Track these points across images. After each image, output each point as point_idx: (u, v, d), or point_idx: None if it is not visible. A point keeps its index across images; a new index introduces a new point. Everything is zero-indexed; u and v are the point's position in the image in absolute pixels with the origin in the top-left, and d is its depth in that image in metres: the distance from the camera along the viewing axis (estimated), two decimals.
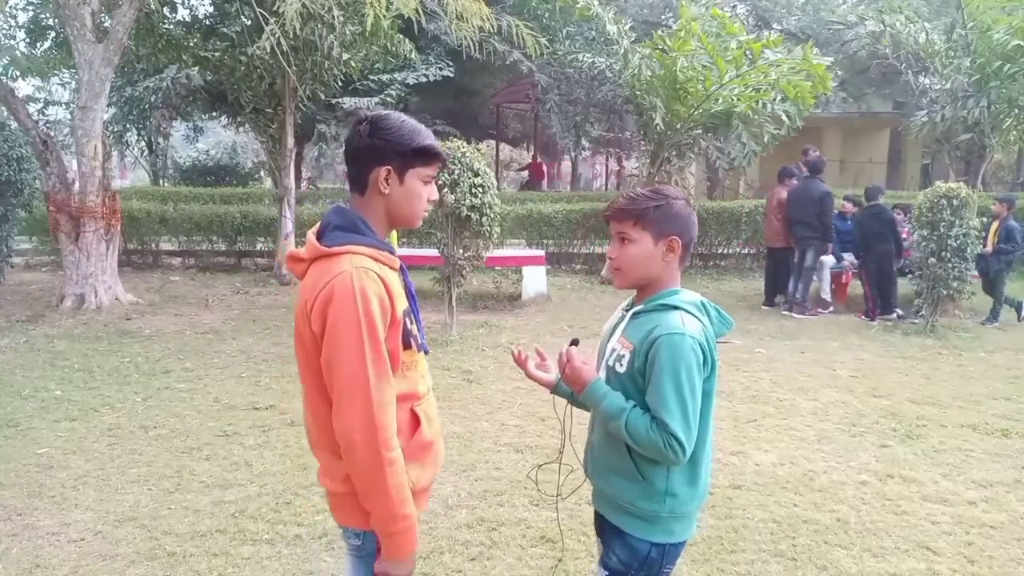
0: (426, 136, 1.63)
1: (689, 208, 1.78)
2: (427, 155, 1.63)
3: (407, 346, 1.63)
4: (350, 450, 1.52)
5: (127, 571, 2.92)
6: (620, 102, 12.70)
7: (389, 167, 1.60)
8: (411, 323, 1.67)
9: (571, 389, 1.83)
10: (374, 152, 1.60)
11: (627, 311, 1.86)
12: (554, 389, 2.05)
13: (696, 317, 1.72)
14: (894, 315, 8.07)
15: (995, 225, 8.22)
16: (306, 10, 8.19)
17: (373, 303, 1.51)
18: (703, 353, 1.67)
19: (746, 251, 11.66)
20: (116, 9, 8.14)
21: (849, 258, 8.80)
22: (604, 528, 1.86)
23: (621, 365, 1.75)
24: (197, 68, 10.95)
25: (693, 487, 1.75)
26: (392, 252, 1.66)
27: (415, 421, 1.65)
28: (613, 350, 1.80)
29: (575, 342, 1.86)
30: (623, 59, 9.74)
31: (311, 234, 1.63)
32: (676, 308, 1.72)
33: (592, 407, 1.80)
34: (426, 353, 1.78)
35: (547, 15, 13.53)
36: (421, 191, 1.66)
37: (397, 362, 1.60)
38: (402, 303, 1.63)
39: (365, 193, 1.64)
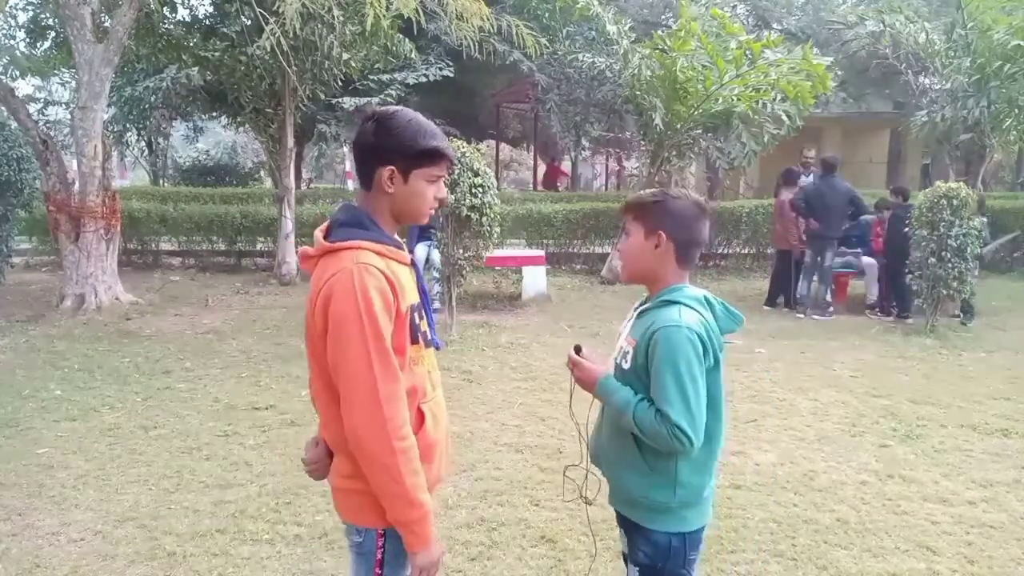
0: (432, 136, 1.62)
1: (695, 209, 1.82)
2: (433, 156, 1.62)
3: (414, 341, 1.64)
4: (360, 445, 1.53)
5: (127, 571, 2.92)
6: (620, 102, 12.68)
7: (393, 168, 1.60)
8: (420, 318, 1.68)
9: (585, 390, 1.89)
10: (378, 152, 1.60)
11: (636, 311, 1.92)
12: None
13: (696, 311, 1.76)
14: (903, 316, 8.07)
15: None
16: (306, 10, 8.18)
17: (374, 299, 1.51)
18: (702, 343, 1.71)
19: (746, 251, 11.65)
20: (116, 9, 8.13)
21: (868, 260, 8.74)
22: (626, 525, 1.91)
23: (626, 362, 1.81)
24: (197, 68, 10.94)
25: (702, 475, 1.79)
26: (399, 246, 1.66)
27: (420, 419, 1.65)
28: (621, 348, 1.87)
29: (578, 349, 1.92)
30: (623, 59, 9.74)
31: (318, 232, 1.65)
32: (676, 303, 1.77)
33: (604, 403, 1.86)
34: (437, 348, 1.79)
35: (547, 15, 13.50)
36: (426, 191, 1.65)
37: (404, 357, 1.60)
38: (411, 297, 1.64)
39: (371, 190, 1.64)
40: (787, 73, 8.64)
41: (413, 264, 1.73)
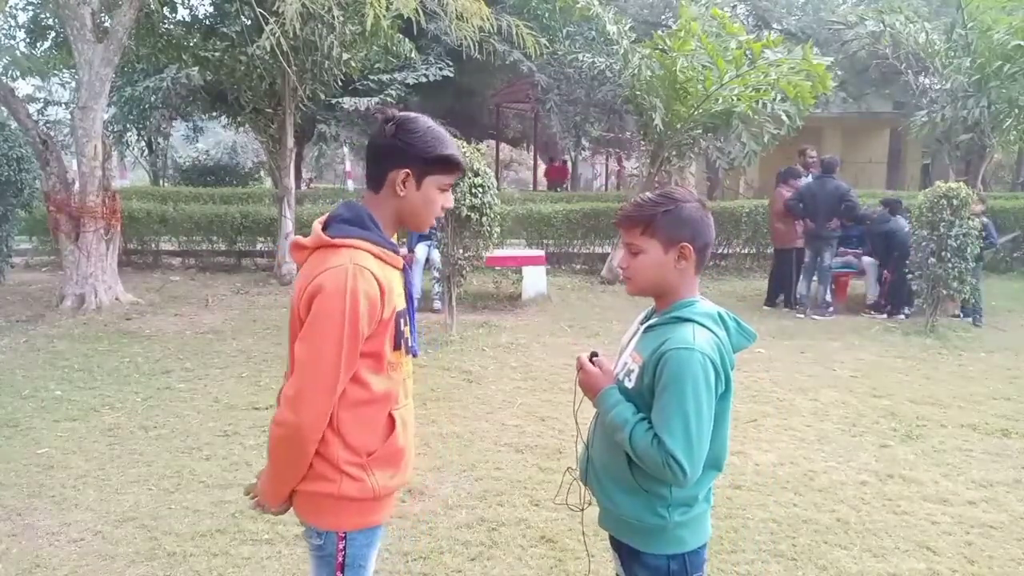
0: (449, 145, 1.63)
1: (702, 210, 1.69)
2: (448, 164, 1.64)
3: (396, 347, 1.64)
4: (294, 421, 1.55)
5: (127, 571, 2.92)
6: (620, 102, 12.69)
7: (408, 170, 1.60)
8: (404, 324, 1.67)
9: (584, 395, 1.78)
10: (396, 153, 1.60)
11: (642, 324, 1.78)
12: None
13: (710, 330, 1.63)
14: (904, 313, 8.13)
15: None
16: (306, 10, 8.18)
17: (361, 302, 1.51)
18: (714, 369, 1.58)
19: (746, 251, 11.66)
20: (116, 9, 8.13)
21: (868, 260, 8.77)
22: (620, 548, 1.80)
23: (630, 380, 1.68)
24: (197, 68, 10.93)
25: (699, 493, 1.70)
26: (396, 251, 1.66)
27: (391, 425, 1.65)
28: (624, 364, 1.74)
29: (594, 355, 1.81)
30: (623, 59, 9.74)
31: (317, 224, 1.63)
32: (689, 321, 1.63)
33: (602, 416, 1.73)
34: (414, 356, 1.79)
35: (547, 15, 13.51)
36: (436, 198, 1.66)
37: (383, 362, 1.60)
38: (399, 303, 1.64)
39: (380, 191, 1.64)
40: (787, 73, 8.63)
41: (403, 269, 1.73)
